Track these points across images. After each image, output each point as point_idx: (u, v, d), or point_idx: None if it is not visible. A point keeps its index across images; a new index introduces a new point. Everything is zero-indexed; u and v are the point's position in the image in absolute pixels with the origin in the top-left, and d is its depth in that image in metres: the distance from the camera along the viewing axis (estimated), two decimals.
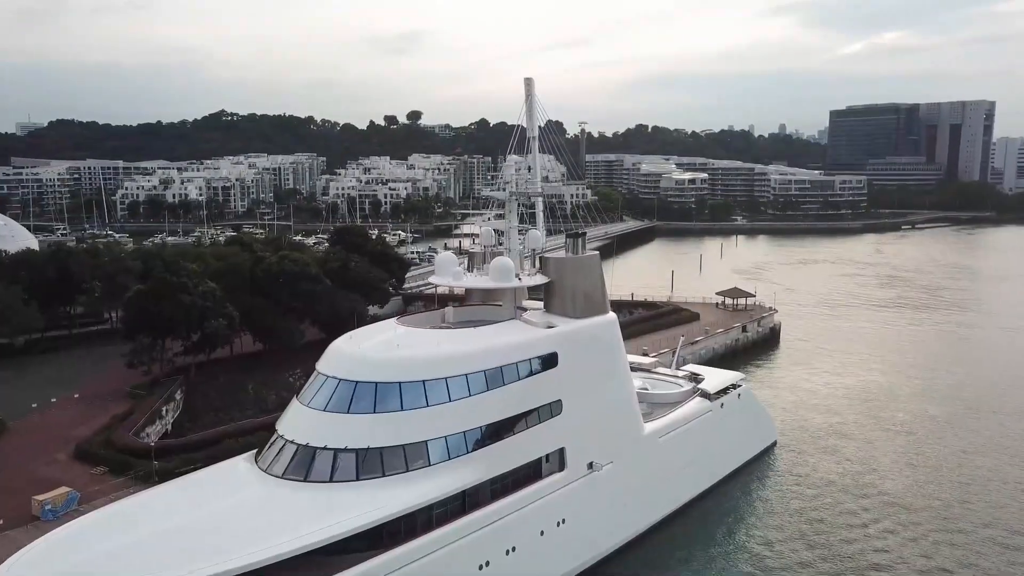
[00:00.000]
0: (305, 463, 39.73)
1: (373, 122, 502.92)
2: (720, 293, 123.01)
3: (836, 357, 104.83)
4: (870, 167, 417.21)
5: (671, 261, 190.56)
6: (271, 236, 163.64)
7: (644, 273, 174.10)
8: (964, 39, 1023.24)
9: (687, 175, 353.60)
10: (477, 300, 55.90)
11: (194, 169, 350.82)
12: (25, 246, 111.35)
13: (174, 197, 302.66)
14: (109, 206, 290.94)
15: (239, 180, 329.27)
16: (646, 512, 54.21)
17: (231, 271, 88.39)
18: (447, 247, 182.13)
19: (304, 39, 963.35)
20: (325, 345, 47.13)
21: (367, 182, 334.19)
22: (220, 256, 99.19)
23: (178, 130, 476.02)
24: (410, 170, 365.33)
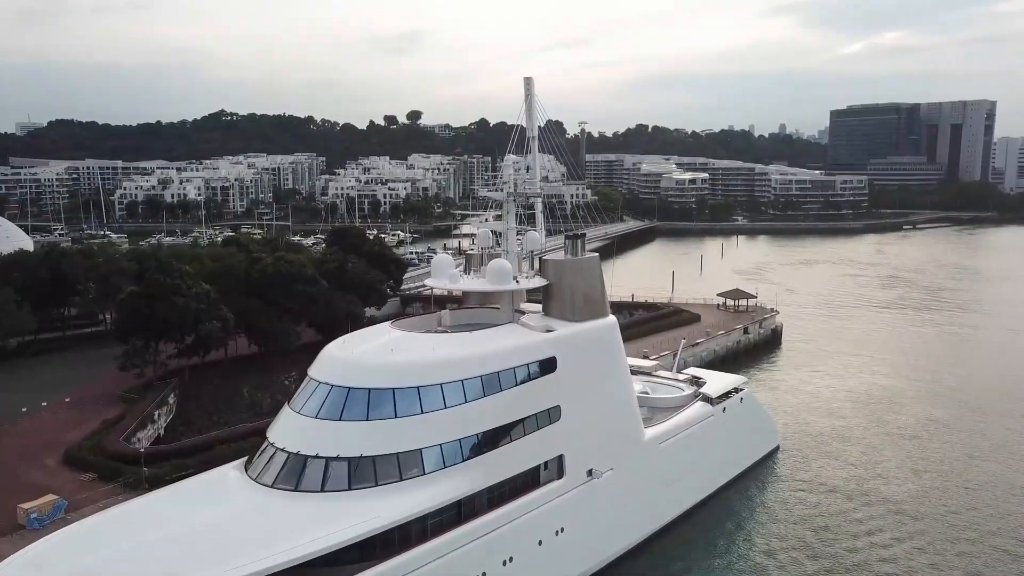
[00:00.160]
0: (296, 472, 38.71)
1: (373, 122, 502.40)
2: (721, 294, 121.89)
3: (838, 359, 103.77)
4: (871, 167, 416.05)
5: (671, 262, 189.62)
6: (269, 236, 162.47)
7: (644, 274, 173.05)
8: (964, 39, 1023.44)
9: (687, 175, 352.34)
10: (474, 303, 54.96)
11: (193, 169, 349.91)
12: (19, 247, 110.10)
13: (173, 197, 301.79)
14: (107, 206, 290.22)
15: (238, 180, 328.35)
16: (646, 520, 53.15)
17: (226, 272, 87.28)
18: (446, 247, 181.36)
19: (304, 39, 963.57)
20: (322, 347, 46.16)
21: (366, 182, 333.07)
22: (216, 257, 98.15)
23: (178, 130, 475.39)
24: (409, 170, 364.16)
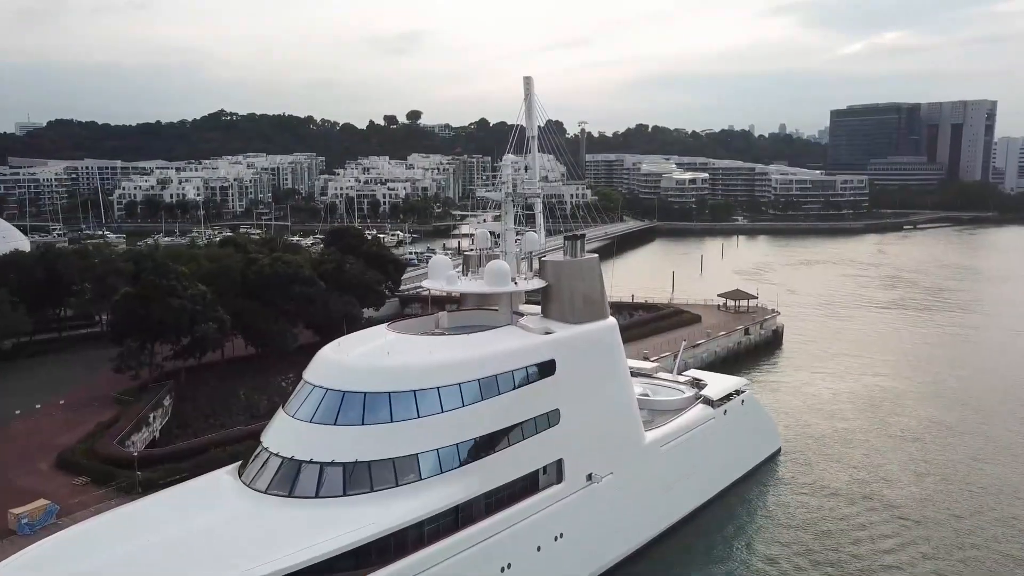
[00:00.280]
0: (290, 477, 38.02)
1: (373, 122, 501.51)
2: (722, 295, 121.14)
3: (840, 360, 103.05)
4: (871, 167, 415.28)
5: (672, 262, 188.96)
6: (268, 237, 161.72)
7: (644, 274, 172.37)
8: (964, 39, 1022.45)
9: (687, 175, 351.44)
10: (472, 304, 54.25)
11: (192, 169, 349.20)
12: (15, 247, 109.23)
13: (171, 197, 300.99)
14: (106, 206, 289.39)
15: (237, 180, 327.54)
16: (646, 525, 52.45)
17: (222, 273, 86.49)
18: (445, 248, 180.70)
19: (304, 39, 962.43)
20: (319, 348, 45.49)
21: (366, 182, 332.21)
22: (213, 258, 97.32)
23: (177, 130, 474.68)
24: (409, 170, 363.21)
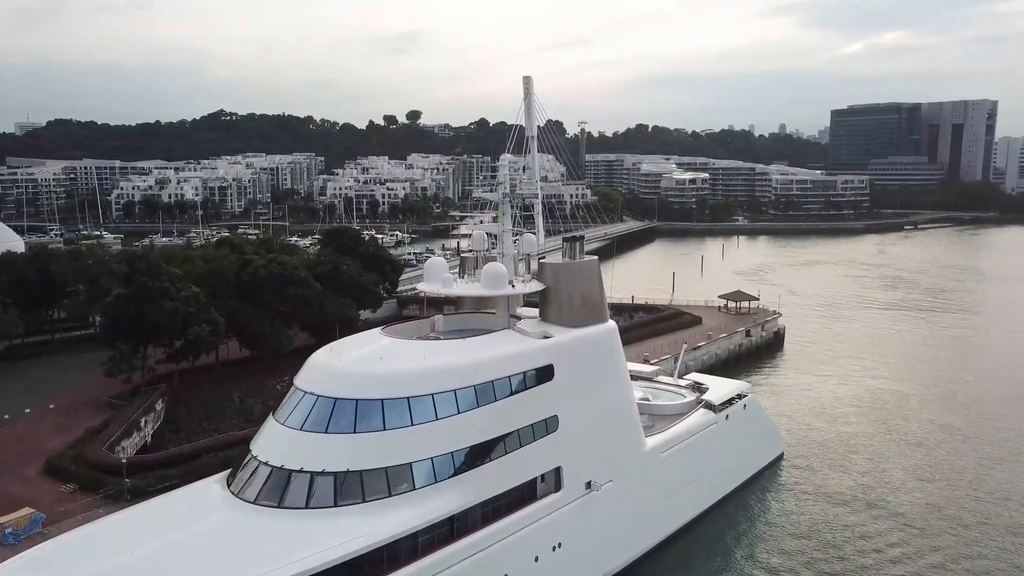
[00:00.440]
0: (279, 487, 36.79)
1: (372, 122, 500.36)
2: (723, 296, 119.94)
3: (842, 363, 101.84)
4: (872, 167, 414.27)
5: (672, 262, 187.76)
6: (265, 237, 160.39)
7: (644, 275, 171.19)
8: (964, 39, 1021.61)
9: (688, 175, 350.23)
10: (469, 307, 53.11)
11: (191, 169, 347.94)
12: (8, 248, 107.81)
13: (170, 197, 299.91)
14: (104, 206, 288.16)
15: (236, 180, 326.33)
16: (646, 533, 51.29)
17: (217, 275, 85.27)
18: (444, 248, 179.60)
19: (304, 39, 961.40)
20: (315, 351, 44.33)
21: (365, 182, 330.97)
22: (208, 259, 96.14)
23: (177, 130, 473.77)
24: (408, 170, 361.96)
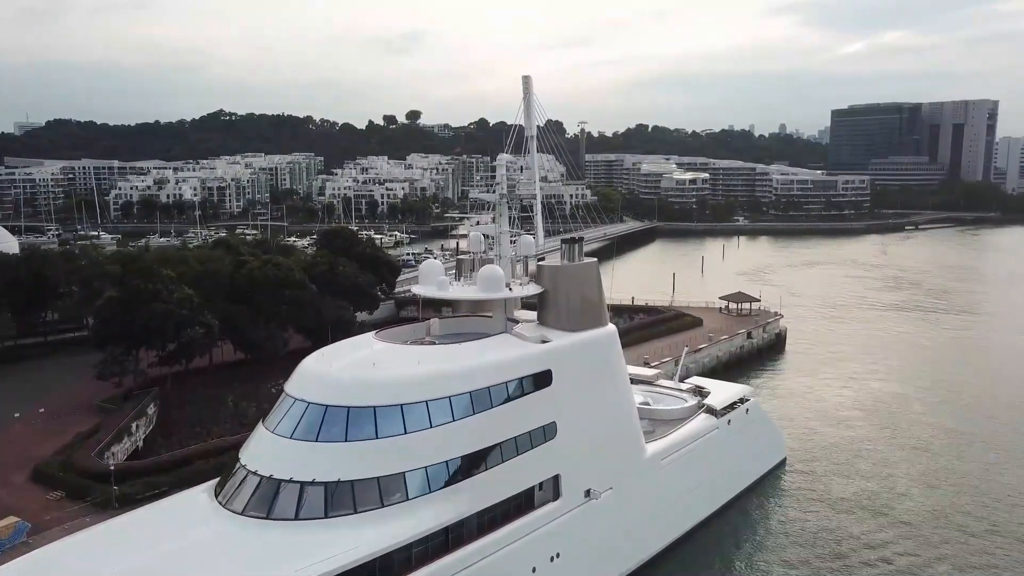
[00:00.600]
0: (268, 498, 35.62)
1: (372, 122, 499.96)
2: (724, 297, 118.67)
3: (845, 365, 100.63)
4: (872, 167, 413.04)
5: (672, 263, 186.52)
6: (262, 238, 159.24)
7: (645, 275, 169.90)
8: (965, 39, 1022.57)
9: (688, 175, 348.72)
10: (466, 310, 51.96)
11: (190, 169, 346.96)
12: (1, 248, 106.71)
13: (168, 198, 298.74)
14: (102, 206, 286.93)
15: (235, 180, 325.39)
16: (646, 542, 50.12)
17: (211, 276, 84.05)
18: (443, 248, 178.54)
19: (304, 39, 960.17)
20: (311, 353, 43.20)
21: (364, 182, 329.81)
22: (204, 260, 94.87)
23: (176, 130, 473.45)
24: (407, 170, 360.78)
